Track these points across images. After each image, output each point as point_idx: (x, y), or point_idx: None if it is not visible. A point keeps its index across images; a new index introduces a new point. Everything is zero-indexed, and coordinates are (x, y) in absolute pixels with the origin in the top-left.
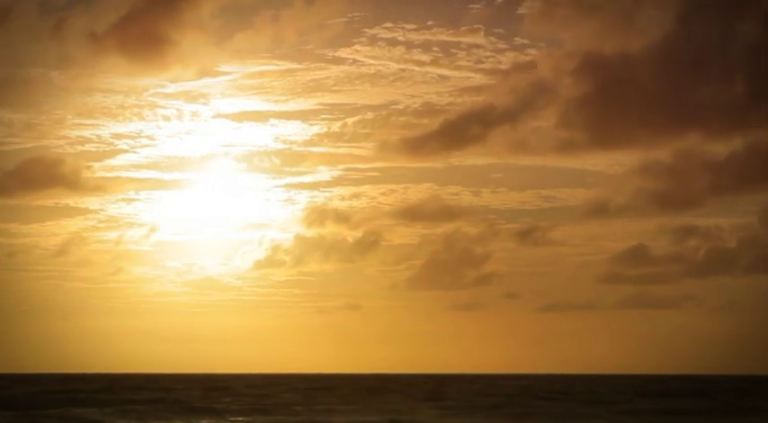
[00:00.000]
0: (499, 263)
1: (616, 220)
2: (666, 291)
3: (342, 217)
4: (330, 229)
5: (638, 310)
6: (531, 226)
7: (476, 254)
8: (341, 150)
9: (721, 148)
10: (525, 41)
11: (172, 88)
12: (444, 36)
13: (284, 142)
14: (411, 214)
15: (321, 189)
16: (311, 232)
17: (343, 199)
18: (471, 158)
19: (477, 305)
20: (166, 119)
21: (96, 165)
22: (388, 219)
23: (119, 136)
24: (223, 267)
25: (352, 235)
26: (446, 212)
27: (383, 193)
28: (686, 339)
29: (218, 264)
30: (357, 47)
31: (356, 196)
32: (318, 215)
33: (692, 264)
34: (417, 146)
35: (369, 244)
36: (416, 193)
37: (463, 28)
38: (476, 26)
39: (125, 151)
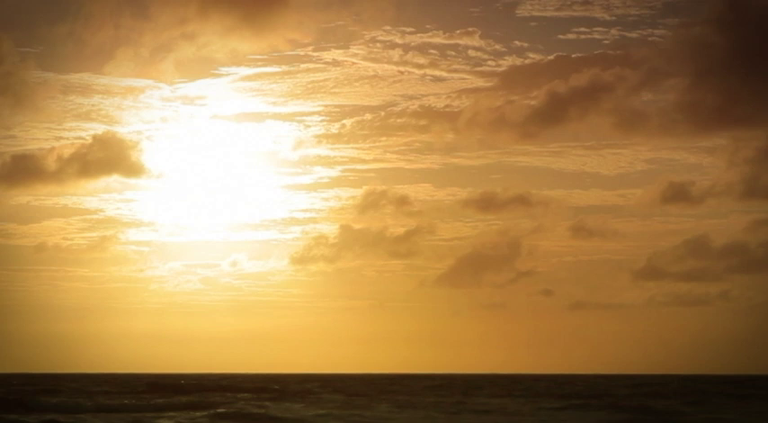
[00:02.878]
0: (540, 259)
1: (688, 210)
2: (705, 288)
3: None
4: (370, 223)
5: (669, 308)
6: (585, 221)
7: (519, 250)
8: (339, 152)
9: None
10: (524, 44)
11: (169, 90)
12: (441, 39)
13: (282, 143)
14: (453, 211)
15: (319, 190)
16: (334, 227)
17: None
18: (471, 159)
19: (507, 303)
20: (164, 120)
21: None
22: (423, 217)
23: None
24: (221, 269)
25: (392, 231)
26: (491, 208)
27: (385, 195)
28: (706, 338)
29: (218, 264)
30: (355, 49)
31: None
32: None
33: (744, 259)
34: (416, 147)
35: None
36: (414, 193)
37: (461, 31)
38: (474, 29)
39: None
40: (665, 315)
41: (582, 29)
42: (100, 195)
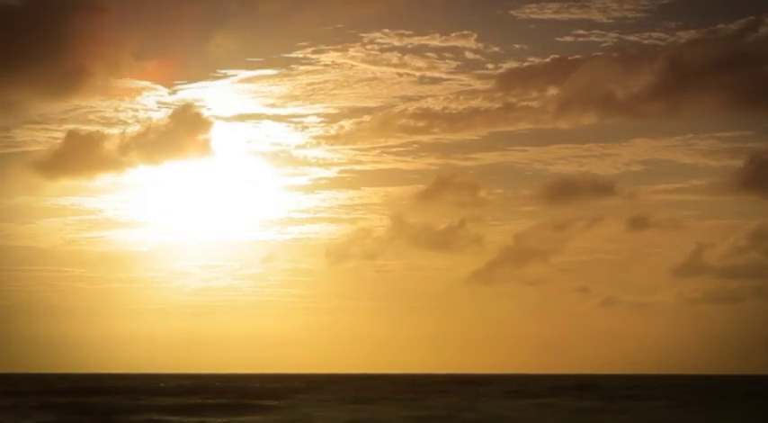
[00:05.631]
0: (579, 254)
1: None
2: (742, 284)
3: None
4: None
5: (700, 305)
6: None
7: (561, 245)
8: (337, 153)
9: None
10: (524, 47)
11: (167, 91)
12: (439, 41)
13: (280, 145)
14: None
15: (317, 191)
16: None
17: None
18: (469, 160)
19: (537, 300)
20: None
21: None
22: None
23: None
24: (220, 269)
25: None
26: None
27: (383, 196)
28: (720, 337)
29: (218, 265)
30: (353, 52)
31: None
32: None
33: None
34: (414, 149)
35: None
36: (414, 195)
37: (458, 33)
38: (472, 32)
39: None
40: (702, 313)
41: (580, 31)
42: (98, 196)
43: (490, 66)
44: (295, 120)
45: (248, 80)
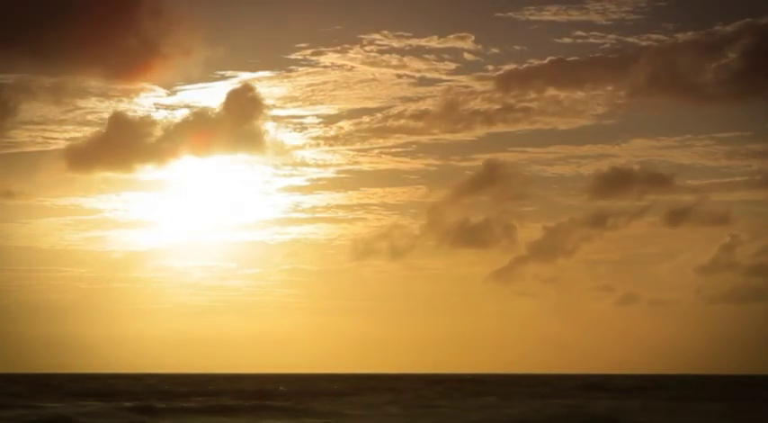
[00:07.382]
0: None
1: None
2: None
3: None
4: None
5: (720, 304)
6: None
7: (587, 243)
8: (336, 154)
9: None
10: (523, 48)
11: (165, 93)
12: (437, 43)
13: (279, 145)
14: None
15: (315, 192)
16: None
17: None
18: (468, 161)
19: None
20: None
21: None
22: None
23: None
24: (219, 269)
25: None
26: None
27: (382, 197)
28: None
29: (217, 265)
30: (353, 54)
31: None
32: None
33: None
34: (412, 149)
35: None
36: (413, 196)
37: (457, 35)
38: (470, 33)
39: None
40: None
41: (579, 33)
42: (98, 196)
43: (489, 67)
44: (294, 121)
45: (248, 81)
